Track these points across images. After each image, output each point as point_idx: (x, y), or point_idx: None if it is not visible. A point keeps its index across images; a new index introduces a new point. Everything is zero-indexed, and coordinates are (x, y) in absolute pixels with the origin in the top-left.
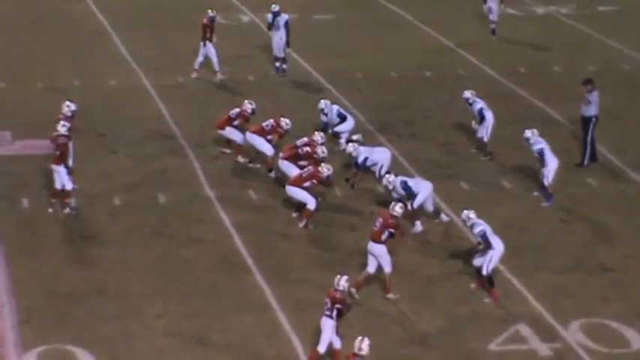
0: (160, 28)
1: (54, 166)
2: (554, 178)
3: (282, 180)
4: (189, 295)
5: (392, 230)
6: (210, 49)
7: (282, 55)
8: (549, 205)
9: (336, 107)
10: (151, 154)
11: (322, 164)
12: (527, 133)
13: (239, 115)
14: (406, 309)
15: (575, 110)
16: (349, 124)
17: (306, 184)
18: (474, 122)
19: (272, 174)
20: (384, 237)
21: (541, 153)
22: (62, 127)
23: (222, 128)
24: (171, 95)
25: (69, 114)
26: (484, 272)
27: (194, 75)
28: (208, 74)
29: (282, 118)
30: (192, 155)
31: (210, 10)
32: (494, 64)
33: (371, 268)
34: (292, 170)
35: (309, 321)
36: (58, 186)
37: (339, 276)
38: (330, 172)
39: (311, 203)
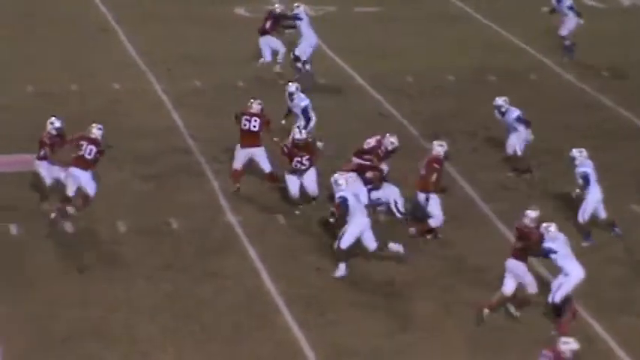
0: (173, 23)
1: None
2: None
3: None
4: (207, 340)
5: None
6: (272, 41)
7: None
8: (590, 245)
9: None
10: (162, 171)
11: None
12: (574, 152)
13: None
14: None
15: None
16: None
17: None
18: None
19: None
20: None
21: (585, 178)
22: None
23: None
24: (187, 102)
25: (54, 132)
26: (549, 299)
27: (277, 69)
28: (231, 77)
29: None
30: (211, 173)
31: (277, 5)
32: (572, 66)
33: (508, 288)
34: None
35: None
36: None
37: None
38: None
39: (437, 218)
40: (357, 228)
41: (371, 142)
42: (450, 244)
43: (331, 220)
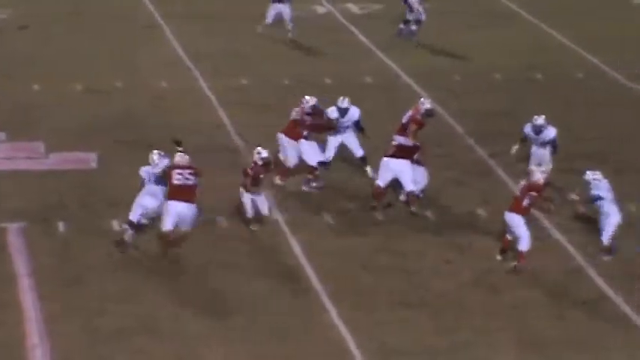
0: (220, 20)
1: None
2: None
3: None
4: (254, 337)
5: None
6: (284, 9)
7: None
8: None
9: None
10: (208, 169)
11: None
12: (589, 175)
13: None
14: None
15: None
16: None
17: (525, 201)
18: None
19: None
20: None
21: (596, 200)
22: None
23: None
24: (233, 100)
25: (260, 162)
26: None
27: (259, 30)
28: (277, 75)
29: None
30: None
31: None
32: (620, 64)
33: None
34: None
35: None
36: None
37: None
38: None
39: (525, 241)
40: (142, 201)
41: (408, 113)
42: (497, 245)
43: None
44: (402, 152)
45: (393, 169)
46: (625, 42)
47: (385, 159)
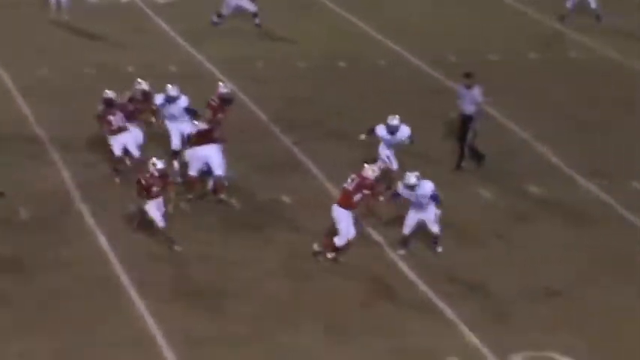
0: (19, 8)
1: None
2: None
3: None
4: (58, 329)
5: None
6: None
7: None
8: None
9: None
10: (9, 160)
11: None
12: (413, 179)
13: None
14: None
15: (514, 106)
16: None
17: (357, 196)
18: None
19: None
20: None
21: (436, 197)
22: None
23: None
24: (35, 90)
25: (156, 173)
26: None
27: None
28: (78, 64)
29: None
30: (61, 162)
31: None
32: (420, 51)
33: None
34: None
35: (201, 358)
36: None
37: None
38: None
39: (343, 237)
40: None
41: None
42: (303, 233)
43: None
44: (203, 138)
45: (201, 155)
46: (426, 29)
47: (191, 148)
